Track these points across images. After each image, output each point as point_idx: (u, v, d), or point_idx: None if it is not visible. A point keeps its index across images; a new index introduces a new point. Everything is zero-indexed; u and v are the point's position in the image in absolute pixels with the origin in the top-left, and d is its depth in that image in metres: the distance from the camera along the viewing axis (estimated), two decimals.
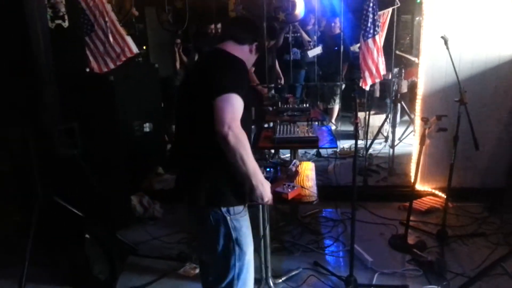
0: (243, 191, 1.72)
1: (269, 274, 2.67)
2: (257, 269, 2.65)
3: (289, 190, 2.10)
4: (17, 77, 2.85)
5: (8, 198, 3.33)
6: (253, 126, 5.81)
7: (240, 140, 1.58)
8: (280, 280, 2.79)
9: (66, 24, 3.35)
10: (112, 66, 4.01)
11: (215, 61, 1.82)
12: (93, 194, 3.11)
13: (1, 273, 2.96)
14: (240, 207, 1.76)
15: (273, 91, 5.27)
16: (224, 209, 1.72)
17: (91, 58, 3.94)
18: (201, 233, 1.84)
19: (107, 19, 3.91)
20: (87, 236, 2.77)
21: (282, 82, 5.64)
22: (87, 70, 3.82)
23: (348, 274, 2.63)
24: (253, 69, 5.21)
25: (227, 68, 1.73)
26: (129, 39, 4.07)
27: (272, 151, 4.64)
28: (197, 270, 2.94)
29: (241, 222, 1.77)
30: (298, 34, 6.01)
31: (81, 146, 2.90)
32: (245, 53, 1.90)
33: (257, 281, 2.69)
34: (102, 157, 3.35)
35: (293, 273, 2.86)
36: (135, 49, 4.11)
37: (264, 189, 1.70)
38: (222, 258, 1.76)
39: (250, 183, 1.66)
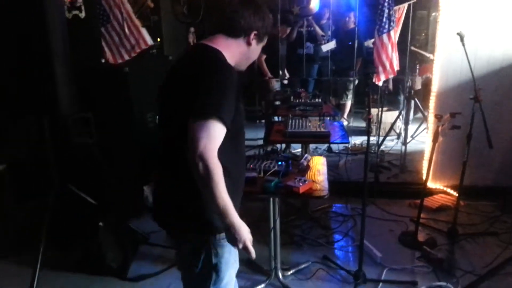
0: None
1: (278, 267, 2.69)
2: (267, 261, 2.70)
3: (301, 184, 2.11)
4: (34, 67, 2.90)
5: (24, 185, 3.40)
6: (263, 121, 5.85)
7: (210, 173, 1.31)
8: (289, 273, 2.81)
9: (82, 15, 3.40)
10: (127, 57, 4.05)
11: (196, 65, 1.46)
12: (107, 183, 3.17)
13: (16, 259, 3.03)
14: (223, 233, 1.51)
15: (279, 85, 5.27)
16: (207, 235, 1.53)
17: (106, 49, 3.99)
18: (180, 251, 1.68)
19: (122, 10, 3.95)
20: (100, 224, 2.82)
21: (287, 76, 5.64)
22: (103, 61, 3.87)
23: (357, 269, 2.66)
24: (264, 56, 5.18)
25: (211, 80, 1.39)
26: (144, 31, 4.11)
27: (283, 145, 4.66)
28: None
29: (224, 248, 1.56)
30: (312, 28, 5.99)
31: (96, 136, 2.94)
32: (242, 48, 1.57)
33: (266, 273, 2.74)
34: (116, 147, 3.41)
35: (302, 266, 2.89)
36: (149, 41, 4.15)
37: (239, 231, 1.40)
38: (198, 280, 1.61)
39: (221, 219, 1.39)
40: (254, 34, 1.56)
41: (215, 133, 1.34)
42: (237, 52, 1.57)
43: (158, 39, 6.20)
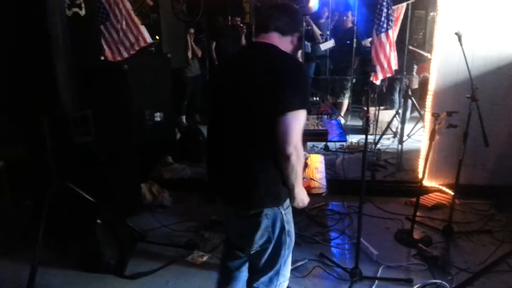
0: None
1: None
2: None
3: None
4: (34, 65, 2.90)
5: (23, 183, 3.42)
6: None
7: (300, 160, 1.63)
8: None
9: (82, 12, 3.41)
10: (126, 55, 4.06)
11: (275, 63, 1.65)
12: (105, 181, 3.18)
13: (14, 256, 3.04)
14: (288, 201, 1.81)
15: None
16: (280, 206, 1.77)
17: (105, 47, 4.00)
18: (249, 230, 1.79)
19: (122, 8, 3.96)
20: (98, 221, 2.84)
21: None
22: (102, 58, 3.88)
23: (353, 266, 2.68)
24: None
25: (295, 77, 1.62)
26: (143, 29, 4.12)
27: None
28: (205, 258, 3.01)
29: (290, 215, 1.84)
30: (309, 27, 6.01)
31: (94, 134, 2.95)
32: (288, 45, 1.80)
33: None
34: (114, 144, 3.41)
35: (299, 263, 2.90)
36: (149, 39, 4.16)
37: (304, 195, 1.81)
38: (274, 249, 1.82)
39: (292, 192, 1.74)
40: (296, 35, 1.82)
41: (304, 121, 1.63)
42: (286, 49, 1.78)
43: (157, 37, 6.21)
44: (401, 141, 4.62)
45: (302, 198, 1.81)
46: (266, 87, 1.60)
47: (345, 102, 6.17)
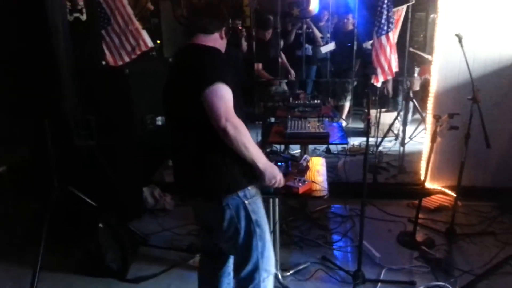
0: (249, 171, 1.75)
1: (278, 267, 2.71)
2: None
3: (300, 184, 2.13)
4: (36, 69, 2.91)
5: (25, 187, 3.42)
6: (261, 122, 5.87)
7: (238, 129, 1.61)
8: (288, 273, 2.83)
9: (84, 17, 3.42)
10: (127, 59, 4.06)
11: (192, 56, 1.80)
12: (107, 185, 3.18)
13: (16, 260, 3.05)
14: (253, 190, 1.82)
15: (278, 86, 5.28)
16: (241, 194, 1.77)
17: (106, 51, 4.00)
18: (216, 223, 1.83)
19: (123, 13, 3.96)
20: (100, 225, 2.84)
21: (293, 77, 5.65)
22: (103, 63, 3.89)
23: (356, 269, 2.67)
24: (261, 65, 5.24)
25: (206, 59, 1.73)
26: (144, 33, 4.12)
27: (283, 146, 4.68)
28: None
29: (258, 204, 1.84)
30: (310, 30, 6.01)
31: (96, 138, 2.96)
32: (217, 41, 1.89)
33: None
34: (116, 148, 3.42)
35: (301, 266, 2.90)
36: (150, 43, 4.16)
37: (273, 169, 1.77)
38: (244, 241, 1.83)
39: (257, 168, 1.71)
40: (224, 30, 1.91)
41: (227, 94, 1.63)
42: (214, 45, 1.85)
43: (158, 41, 6.23)
44: (403, 143, 4.62)
45: (272, 173, 1.76)
46: (188, 77, 1.71)
47: (347, 104, 6.16)
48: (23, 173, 3.43)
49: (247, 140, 1.64)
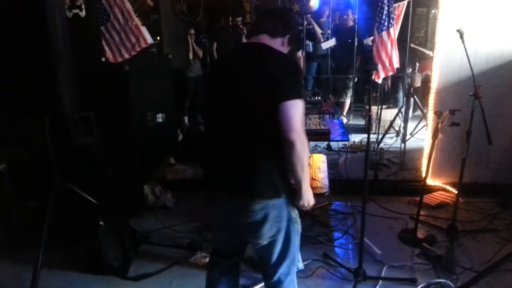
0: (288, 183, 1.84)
1: None
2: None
3: None
4: (35, 66, 2.90)
5: (24, 185, 3.41)
6: None
7: (304, 146, 1.68)
8: None
9: (83, 13, 3.40)
10: (127, 56, 4.05)
11: (269, 60, 1.78)
12: (107, 183, 3.18)
13: (17, 258, 3.05)
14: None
15: None
16: (283, 196, 1.83)
17: (106, 48, 3.99)
18: (256, 223, 1.82)
19: (123, 9, 3.95)
20: (101, 223, 2.83)
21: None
22: (103, 59, 3.87)
23: (357, 266, 2.67)
24: None
25: (290, 70, 1.75)
26: (144, 29, 4.11)
27: None
28: (208, 259, 2.98)
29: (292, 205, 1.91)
30: (311, 26, 5.99)
31: (96, 135, 2.95)
32: (279, 46, 1.89)
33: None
34: (116, 146, 3.41)
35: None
36: (149, 40, 4.15)
37: (311, 195, 1.83)
38: (286, 238, 1.88)
39: (300, 189, 1.78)
40: (287, 38, 1.91)
41: (302, 111, 1.71)
42: (279, 49, 1.88)
43: (158, 38, 6.21)
44: (404, 140, 4.60)
45: (309, 198, 1.82)
46: (264, 82, 1.70)
47: (347, 101, 6.15)
48: (23, 171, 3.42)
49: (306, 159, 1.71)
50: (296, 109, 1.67)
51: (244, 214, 1.81)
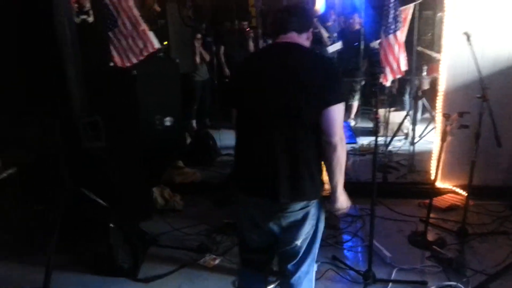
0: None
1: None
2: (275, 262, 2.70)
3: None
4: (44, 71, 2.93)
5: (34, 188, 3.44)
6: None
7: (344, 150, 1.74)
8: None
9: (91, 19, 3.44)
10: (134, 61, 4.08)
11: (311, 64, 1.78)
12: (117, 186, 3.20)
13: (22, 261, 3.07)
14: None
15: None
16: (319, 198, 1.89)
17: (114, 53, 4.02)
18: (296, 222, 1.85)
19: (130, 15, 3.98)
20: (111, 225, 2.85)
21: None
22: (111, 64, 3.91)
23: (366, 269, 2.66)
24: None
25: (332, 75, 1.77)
26: (151, 34, 4.14)
27: None
28: (217, 261, 3.00)
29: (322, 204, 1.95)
30: (317, 30, 6.00)
31: (105, 139, 2.97)
32: (305, 41, 1.91)
33: (277, 273, 2.74)
34: (125, 149, 3.43)
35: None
36: (157, 44, 4.18)
37: (347, 199, 1.87)
38: (313, 236, 1.92)
39: (336, 191, 1.82)
40: (311, 31, 1.94)
41: (343, 114, 1.74)
42: (305, 45, 1.91)
43: (165, 42, 6.24)
44: (412, 143, 4.59)
45: (345, 201, 1.86)
46: (309, 84, 1.71)
47: (355, 104, 6.14)
48: (33, 174, 3.45)
49: (343, 162, 1.75)
50: (339, 112, 1.72)
51: (285, 214, 1.82)
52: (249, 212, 1.93)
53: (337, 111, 1.70)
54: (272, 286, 2.69)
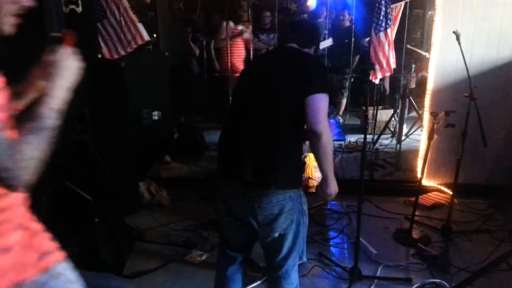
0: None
1: None
2: (261, 259, 2.70)
3: None
4: (31, 61, 2.87)
5: None
6: None
7: (330, 137, 1.77)
8: None
9: (79, 9, 3.37)
10: (123, 53, 4.04)
11: (302, 58, 1.95)
12: (103, 180, 3.15)
13: None
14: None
15: None
16: (298, 189, 1.93)
17: (102, 44, 3.97)
18: (272, 215, 1.86)
19: (119, 6, 3.93)
20: (96, 220, 2.81)
21: None
22: (99, 56, 3.85)
23: (352, 266, 2.67)
24: None
25: (319, 69, 1.93)
26: (140, 26, 4.10)
27: None
28: (204, 257, 2.99)
29: (305, 196, 2.00)
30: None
31: (91, 132, 2.93)
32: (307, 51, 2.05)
33: (263, 269, 2.74)
34: (111, 143, 3.39)
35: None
36: (146, 37, 4.14)
37: (336, 185, 1.91)
38: (296, 230, 1.94)
39: (327, 178, 1.87)
40: (313, 48, 2.09)
41: (327, 104, 1.81)
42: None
43: (155, 35, 6.18)
44: (399, 141, 4.62)
45: (335, 187, 1.91)
46: (295, 76, 1.84)
47: (343, 101, 6.16)
48: None
49: (330, 150, 1.80)
50: (322, 101, 1.77)
51: (261, 206, 1.83)
52: (223, 197, 1.98)
53: (320, 99, 1.76)
54: (258, 282, 2.69)
